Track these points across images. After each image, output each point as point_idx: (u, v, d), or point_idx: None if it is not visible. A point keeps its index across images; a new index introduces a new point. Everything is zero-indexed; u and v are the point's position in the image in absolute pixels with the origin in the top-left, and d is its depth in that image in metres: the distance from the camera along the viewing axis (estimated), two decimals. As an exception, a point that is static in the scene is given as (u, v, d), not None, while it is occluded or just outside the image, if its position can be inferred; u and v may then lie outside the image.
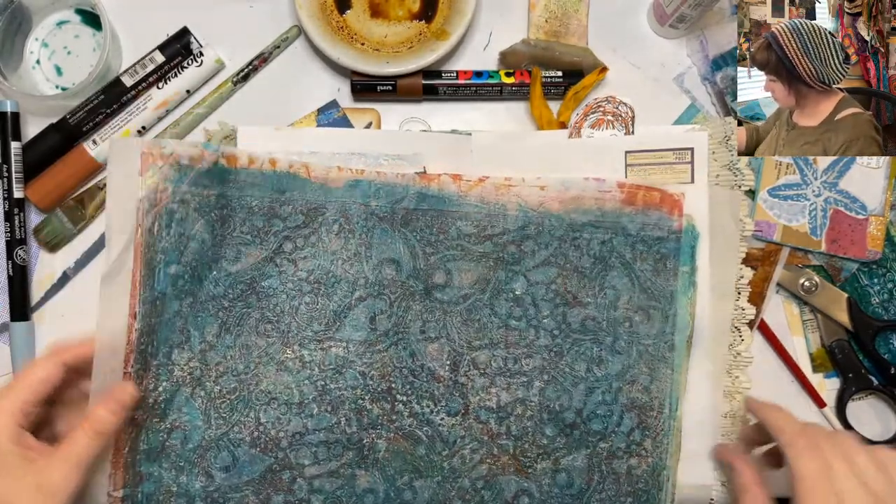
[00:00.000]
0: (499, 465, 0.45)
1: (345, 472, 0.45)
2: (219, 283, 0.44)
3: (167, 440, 0.43)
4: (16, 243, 0.52)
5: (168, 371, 0.44)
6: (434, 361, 0.46)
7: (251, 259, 0.44)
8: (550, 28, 0.55)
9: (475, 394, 0.46)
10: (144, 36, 0.54)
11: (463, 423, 0.46)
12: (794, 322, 0.54)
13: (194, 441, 0.43)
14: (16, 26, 0.54)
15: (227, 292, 0.44)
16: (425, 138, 0.52)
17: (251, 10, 0.56)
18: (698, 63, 0.56)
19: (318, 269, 0.45)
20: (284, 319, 0.45)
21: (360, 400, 0.45)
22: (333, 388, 0.45)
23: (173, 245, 0.43)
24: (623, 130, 0.53)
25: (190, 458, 0.43)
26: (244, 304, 0.44)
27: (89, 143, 0.53)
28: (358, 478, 0.45)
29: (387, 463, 0.45)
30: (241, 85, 0.55)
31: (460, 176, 0.48)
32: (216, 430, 0.44)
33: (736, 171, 0.51)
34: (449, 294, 0.46)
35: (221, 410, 0.44)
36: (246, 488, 0.44)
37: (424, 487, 0.45)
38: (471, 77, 0.54)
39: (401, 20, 0.55)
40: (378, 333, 0.45)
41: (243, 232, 0.44)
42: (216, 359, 0.44)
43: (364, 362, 0.45)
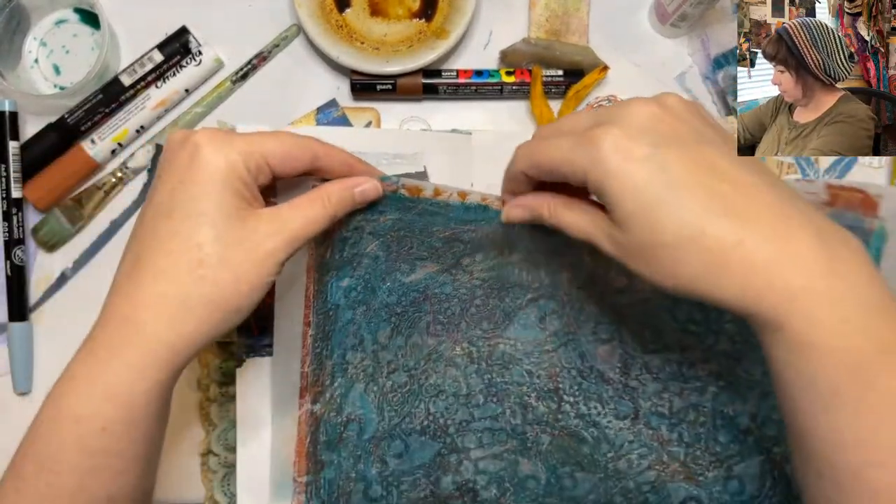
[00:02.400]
0: (668, 472, 0.43)
1: (508, 457, 0.44)
2: (392, 292, 0.44)
3: (344, 431, 0.44)
4: (14, 243, 0.52)
5: (343, 369, 0.44)
6: (604, 364, 0.44)
7: (426, 270, 0.44)
8: (551, 27, 0.55)
9: (647, 398, 0.43)
10: (143, 35, 0.54)
11: (632, 427, 0.43)
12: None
13: (369, 432, 0.44)
14: (14, 25, 0.54)
15: (401, 300, 0.44)
16: (425, 137, 0.52)
17: (250, 8, 0.55)
18: (700, 62, 0.56)
19: (493, 278, 0.44)
20: (455, 321, 0.44)
21: (525, 396, 0.44)
22: (500, 381, 0.44)
23: (346, 261, 0.43)
24: (624, 129, 0.53)
25: (366, 447, 0.44)
26: (416, 310, 0.44)
27: (87, 142, 0.53)
28: (520, 464, 0.44)
29: (549, 455, 0.44)
30: (240, 84, 0.54)
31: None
32: (389, 422, 0.44)
33: (737, 171, 0.51)
34: (628, 297, 0.43)
35: (393, 403, 0.44)
36: (418, 471, 0.44)
37: (585, 479, 0.44)
38: (471, 76, 0.54)
39: (400, 19, 0.55)
40: (547, 333, 0.44)
41: (420, 251, 0.43)
42: (388, 357, 0.44)
43: (532, 361, 0.44)
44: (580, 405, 0.44)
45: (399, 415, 0.44)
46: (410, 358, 0.45)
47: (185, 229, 0.33)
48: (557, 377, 0.44)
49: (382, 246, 0.42)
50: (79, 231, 0.53)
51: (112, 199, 0.54)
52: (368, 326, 0.44)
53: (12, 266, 0.52)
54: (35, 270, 0.53)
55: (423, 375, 0.45)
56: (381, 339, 0.44)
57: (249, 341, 0.48)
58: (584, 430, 0.44)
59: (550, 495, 0.44)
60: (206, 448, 0.51)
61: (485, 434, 0.44)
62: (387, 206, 0.42)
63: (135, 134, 0.54)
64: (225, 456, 0.50)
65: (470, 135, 0.52)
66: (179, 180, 0.33)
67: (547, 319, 0.44)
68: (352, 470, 0.44)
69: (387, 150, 0.50)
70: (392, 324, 0.44)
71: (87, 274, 0.53)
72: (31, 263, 0.53)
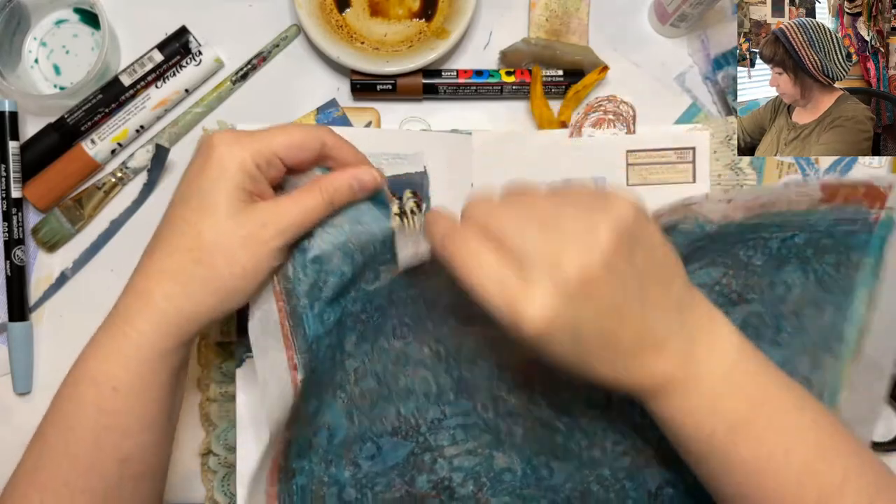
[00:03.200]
0: (643, 458, 0.44)
1: (482, 452, 0.44)
2: (357, 301, 0.43)
3: (314, 438, 0.44)
4: (14, 243, 0.52)
5: (318, 393, 0.44)
6: None
7: (390, 275, 0.43)
8: (551, 27, 0.55)
9: None
10: (143, 35, 0.54)
11: (605, 415, 0.44)
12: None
13: (339, 436, 0.44)
14: (14, 25, 0.54)
15: (366, 307, 0.43)
16: (425, 137, 0.52)
17: (250, 8, 0.55)
18: (699, 62, 0.56)
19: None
20: (421, 322, 0.44)
21: (496, 390, 0.44)
22: (469, 377, 0.44)
23: (312, 285, 0.42)
24: (624, 129, 0.53)
25: (337, 451, 0.44)
26: (381, 315, 0.44)
27: (87, 142, 0.53)
28: (496, 458, 0.44)
29: (524, 447, 0.44)
30: (240, 84, 0.54)
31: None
32: (359, 426, 0.44)
33: (738, 171, 0.51)
34: None
35: (363, 408, 0.44)
36: (391, 472, 0.44)
37: (561, 469, 0.44)
38: (471, 76, 0.54)
39: (400, 19, 0.55)
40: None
41: (384, 255, 0.43)
42: (354, 364, 0.44)
43: (500, 355, 0.44)
44: (551, 395, 0.44)
45: (370, 418, 0.44)
46: (378, 363, 0.44)
47: (193, 217, 0.37)
48: (527, 369, 0.44)
49: (346, 259, 0.41)
50: (79, 231, 0.53)
51: (112, 199, 0.54)
52: (338, 339, 0.44)
53: (12, 266, 0.52)
54: (35, 270, 0.53)
55: (392, 378, 0.44)
56: (348, 347, 0.43)
57: (249, 341, 0.48)
58: (557, 420, 0.44)
59: (528, 486, 0.44)
60: (206, 448, 0.51)
61: (458, 430, 0.44)
62: (354, 215, 0.41)
63: (135, 134, 0.54)
64: (225, 456, 0.50)
65: (470, 135, 0.52)
66: (196, 175, 0.38)
67: None
68: (324, 474, 0.43)
69: (387, 150, 0.50)
70: (357, 331, 0.43)
71: (87, 274, 0.53)
72: (31, 263, 0.53)
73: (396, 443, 0.44)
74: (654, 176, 0.51)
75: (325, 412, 0.44)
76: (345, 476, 0.44)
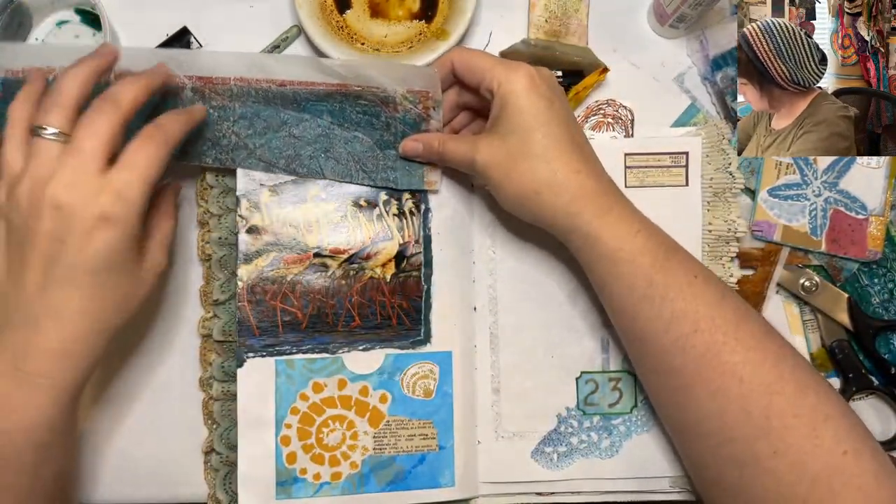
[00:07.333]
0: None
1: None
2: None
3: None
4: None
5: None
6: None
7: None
8: (550, 28, 0.55)
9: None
10: (144, 36, 0.54)
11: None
12: (794, 322, 0.54)
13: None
14: (15, 26, 0.54)
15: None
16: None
17: (251, 9, 0.56)
18: (698, 63, 0.56)
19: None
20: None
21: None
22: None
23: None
24: (623, 133, 0.54)
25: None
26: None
27: (89, 143, 0.53)
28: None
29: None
30: (241, 85, 0.55)
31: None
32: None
33: (728, 174, 0.51)
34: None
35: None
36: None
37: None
38: (471, 77, 0.54)
39: (401, 20, 0.55)
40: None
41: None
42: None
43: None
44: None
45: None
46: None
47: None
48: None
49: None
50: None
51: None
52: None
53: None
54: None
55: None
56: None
57: (249, 341, 0.49)
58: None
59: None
60: (208, 446, 0.52)
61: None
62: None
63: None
64: (227, 454, 0.51)
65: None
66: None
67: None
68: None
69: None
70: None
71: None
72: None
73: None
74: (651, 178, 0.51)
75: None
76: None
